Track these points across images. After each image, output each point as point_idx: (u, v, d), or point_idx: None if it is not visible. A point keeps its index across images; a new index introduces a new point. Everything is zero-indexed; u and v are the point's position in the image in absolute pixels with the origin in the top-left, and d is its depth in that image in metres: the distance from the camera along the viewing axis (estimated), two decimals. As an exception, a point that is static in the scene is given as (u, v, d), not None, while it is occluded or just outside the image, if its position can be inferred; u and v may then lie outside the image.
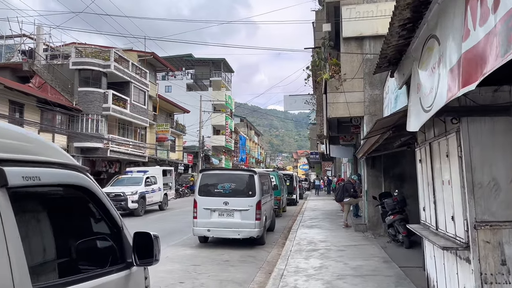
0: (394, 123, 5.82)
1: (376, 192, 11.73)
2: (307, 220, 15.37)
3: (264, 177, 12.18)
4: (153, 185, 20.59)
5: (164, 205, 21.95)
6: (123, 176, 21.44)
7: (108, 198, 2.45)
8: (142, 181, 19.66)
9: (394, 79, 6.64)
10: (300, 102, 16.42)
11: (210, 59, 62.11)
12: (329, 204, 24.43)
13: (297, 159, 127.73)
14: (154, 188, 20.50)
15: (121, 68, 29.56)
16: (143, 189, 19.13)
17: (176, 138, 44.17)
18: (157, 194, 20.87)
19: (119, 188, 18.61)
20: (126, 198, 17.77)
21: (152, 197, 20.06)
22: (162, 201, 21.65)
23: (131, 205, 17.89)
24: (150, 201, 19.78)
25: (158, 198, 21.16)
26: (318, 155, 42.66)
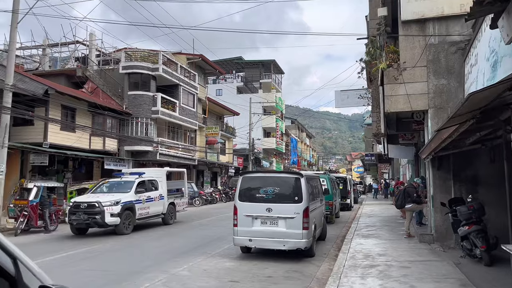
0: (493, 99, 4.26)
1: (444, 198, 10.10)
2: (362, 228, 13.88)
3: (312, 180, 10.93)
4: (150, 192, 15.77)
5: (171, 218, 16.99)
6: (111, 180, 16.37)
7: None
8: (133, 186, 14.87)
9: (498, 29, 4.75)
10: (353, 97, 14.94)
11: (260, 61, 61.48)
12: (387, 209, 22.57)
13: (351, 162, 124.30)
14: (151, 195, 15.69)
15: (170, 71, 29.45)
16: (131, 198, 14.40)
17: (226, 141, 43.77)
18: (156, 204, 15.95)
19: (96, 197, 14.05)
20: (102, 210, 13.27)
21: (147, 208, 15.28)
22: (167, 213, 16.70)
23: (110, 220, 13.34)
24: (144, 213, 15.11)
25: (159, 208, 16.22)
26: (374, 157, 40.40)
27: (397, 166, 31.31)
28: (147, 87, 27.98)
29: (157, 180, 16.67)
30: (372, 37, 12.96)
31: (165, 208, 16.64)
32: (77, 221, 13.41)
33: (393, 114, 11.69)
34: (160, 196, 16.37)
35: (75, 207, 13.56)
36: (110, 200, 13.76)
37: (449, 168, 10.37)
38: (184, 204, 19.22)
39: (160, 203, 16.35)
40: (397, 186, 23.49)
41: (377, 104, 13.09)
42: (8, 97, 14.77)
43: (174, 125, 31.26)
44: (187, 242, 11.91)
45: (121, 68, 27.77)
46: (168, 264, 8.79)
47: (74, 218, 13.41)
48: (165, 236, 13.20)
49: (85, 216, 13.25)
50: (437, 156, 9.82)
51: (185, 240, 12.36)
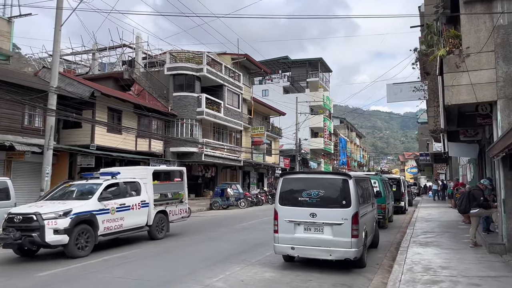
0: None
1: None
2: (419, 235, 12.55)
3: (362, 182, 9.86)
4: (126, 197, 11.77)
5: (160, 231, 13.05)
6: (76, 182, 12.60)
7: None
8: (96, 192, 10.97)
9: None
10: (407, 91, 13.60)
11: (306, 60, 60.29)
12: (445, 213, 20.77)
13: (404, 162, 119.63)
14: (127, 202, 11.69)
15: (214, 71, 29.18)
16: (90, 207, 10.56)
17: (272, 142, 43.04)
18: (135, 213, 11.93)
19: (38, 207, 10.24)
20: (41, 225, 9.57)
21: (119, 219, 11.29)
22: (154, 224, 12.72)
23: (53, 238, 9.63)
24: (113, 227, 11.12)
25: (140, 219, 12.21)
26: (429, 156, 37.99)
27: (455, 166, 29.07)
28: (191, 88, 27.85)
29: (140, 182, 12.53)
30: (428, 23, 11.65)
31: (151, 218, 12.59)
32: (5, 240, 9.67)
33: (454, 107, 10.35)
34: (143, 203, 12.29)
35: (9, 220, 9.93)
36: (55, 211, 9.91)
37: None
38: (183, 212, 14.72)
39: (143, 212, 12.29)
40: (456, 187, 21.62)
41: (434, 97, 11.76)
42: (52, 99, 14.89)
43: (219, 126, 30.97)
44: (227, 247, 11.24)
45: (166, 70, 27.84)
46: (203, 273, 8.13)
47: (3, 236, 9.75)
48: (203, 242, 12.62)
49: (17, 233, 9.52)
50: (510, 154, 8.45)
51: (225, 245, 11.70)
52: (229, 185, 26.92)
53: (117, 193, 11.57)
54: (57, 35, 15.10)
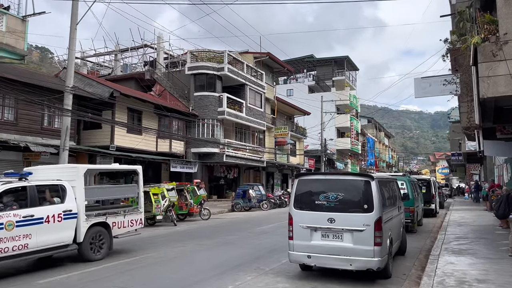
0: None
1: None
2: (452, 241, 11.52)
3: (387, 184, 9.00)
4: (34, 207, 8.51)
5: (97, 250, 9.73)
6: None
7: None
8: None
9: None
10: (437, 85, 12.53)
11: (332, 58, 59.10)
12: (480, 216, 19.44)
13: (434, 163, 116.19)
14: (36, 214, 8.47)
15: (235, 70, 28.65)
16: None
17: (297, 142, 42.17)
18: (52, 228, 8.75)
19: None
20: None
21: (23, 237, 8.19)
22: (85, 242, 9.41)
23: None
24: (9, 248, 7.96)
25: (61, 236, 8.97)
26: (462, 156, 36.26)
27: (490, 167, 27.45)
28: (212, 88, 27.41)
29: (66, 185, 9.28)
30: (460, 9, 10.65)
31: (81, 233, 9.33)
32: None
33: (490, 101, 9.34)
34: (67, 214, 9.07)
35: None
36: None
37: None
38: (136, 223, 11.02)
39: (66, 226, 9.06)
40: (492, 189, 20.24)
41: (467, 90, 10.75)
42: (68, 99, 14.65)
43: (241, 126, 30.41)
44: (241, 253, 10.58)
45: (187, 69, 27.51)
46: (211, 282, 7.49)
47: None
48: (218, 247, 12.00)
49: None
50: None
51: (239, 250, 11.05)
52: (251, 186, 26.29)
53: (22, 201, 8.45)
54: (73, 33, 14.85)
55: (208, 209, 20.22)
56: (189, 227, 17.29)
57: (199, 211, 19.83)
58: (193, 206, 19.45)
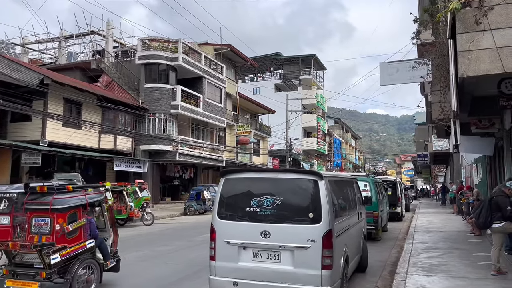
0: None
1: None
2: (421, 253, 9.77)
3: (342, 185, 7.09)
4: None
5: None
6: None
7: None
8: None
9: None
10: (405, 71, 10.82)
11: (299, 56, 57.71)
12: (448, 220, 18.03)
13: (400, 165, 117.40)
14: None
15: (192, 62, 26.38)
16: None
17: (261, 141, 40.29)
18: None
19: None
20: None
21: None
22: None
23: None
24: None
25: None
26: (428, 157, 35.39)
27: (457, 168, 26.36)
28: (165, 80, 25.07)
29: None
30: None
31: None
32: None
33: (470, 84, 7.61)
34: None
35: None
36: None
37: None
38: None
39: None
40: (461, 191, 18.90)
41: (440, 76, 9.09)
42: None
43: (199, 122, 28.16)
44: (165, 272, 8.45)
45: (137, 59, 25.07)
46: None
47: None
48: (140, 262, 9.80)
49: None
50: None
51: (165, 268, 8.91)
52: (206, 187, 24.12)
53: None
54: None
55: (152, 213, 17.89)
56: (125, 234, 14.93)
57: (141, 215, 17.50)
58: (134, 210, 17.10)
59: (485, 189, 15.13)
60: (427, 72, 9.69)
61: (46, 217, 6.08)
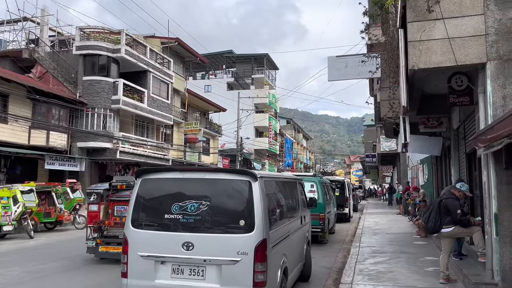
0: None
1: None
2: (368, 258, 9.24)
3: (282, 186, 6.30)
4: None
5: None
6: None
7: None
8: None
9: None
10: (354, 66, 10.31)
11: (252, 55, 57.06)
12: (395, 221, 17.96)
13: (350, 165, 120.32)
14: None
15: (136, 54, 24.84)
16: None
17: (211, 140, 39.17)
18: None
19: None
20: None
21: None
22: None
23: None
24: None
25: None
26: (376, 158, 35.91)
27: (404, 168, 26.73)
28: (106, 72, 23.38)
29: None
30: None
31: None
32: None
33: (420, 78, 7.10)
34: None
35: None
36: None
37: (527, 165, 5.80)
38: None
39: None
40: (407, 192, 18.93)
41: (389, 71, 8.60)
42: None
43: (143, 118, 26.63)
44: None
45: (75, 49, 23.19)
46: None
47: None
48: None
49: None
50: (507, 146, 5.22)
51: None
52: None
53: None
54: None
55: (84, 216, 16.37)
56: (49, 240, 13.46)
57: (72, 218, 15.97)
58: (64, 213, 15.56)
59: (431, 190, 15.07)
60: (376, 66, 9.18)
61: (125, 205, 8.83)
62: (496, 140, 4.99)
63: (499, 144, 5.07)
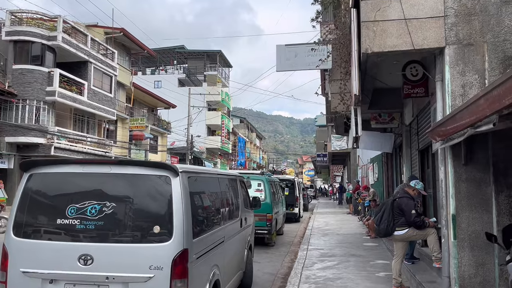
0: None
1: (479, 219, 5.09)
2: (315, 262, 8.54)
3: (215, 183, 5.36)
4: None
5: None
6: None
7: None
8: None
9: None
10: (304, 55, 9.61)
11: (204, 51, 55.77)
12: (344, 221, 17.58)
13: (302, 165, 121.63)
14: None
15: (75, 43, 22.96)
16: None
17: (159, 137, 37.54)
18: None
19: None
20: None
21: None
22: None
23: None
24: None
25: None
26: (327, 158, 35.93)
27: (354, 167, 26.68)
28: (40, 61, 21.39)
29: None
30: None
31: None
32: None
33: (373, 68, 6.44)
34: None
35: None
36: None
37: (487, 161, 5.25)
38: None
39: None
40: (357, 191, 18.63)
41: (341, 60, 7.96)
42: None
43: (83, 112, 24.72)
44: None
45: (5, 34, 21.02)
46: None
47: None
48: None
49: None
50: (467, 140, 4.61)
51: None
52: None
53: None
54: None
55: (7, 218, 14.60)
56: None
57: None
58: (-19, 215, 13.76)
59: (381, 189, 14.76)
60: (327, 53, 8.49)
61: None
62: (458, 131, 4.35)
63: (460, 136, 4.44)
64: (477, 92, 5.32)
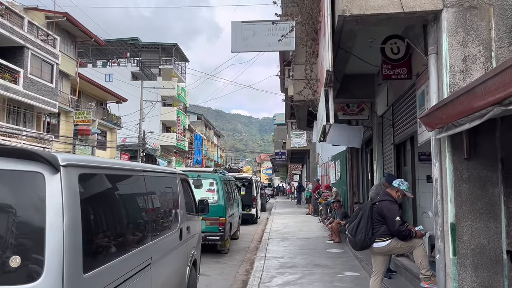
0: None
1: (485, 228, 3.92)
2: (275, 276, 7.23)
3: (136, 184, 3.86)
4: None
5: None
6: None
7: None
8: None
9: None
10: (264, 34, 8.30)
11: (160, 44, 53.39)
12: (304, 223, 16.47)
13: (260, 164, 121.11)
14: None
15: (9, 26, 20.45)
16: None
17: (108, 133, 35.09)
18: None
19: None
20: None
21: None
22: None
23: None
24: None
25: None
26: (286, 155, 34.99)
27: (313, 166, 25.77)
28: (-36, 43, 18.78)
29: None
30: None
31: None
32: None
33: (349, 40, 5.19)
34: None
35: None
36: None
37: (494, 155, 4.12)
38: None
39: None
40: (318, 191, 17.62)
41: (308, 37, 6.71)
42: None
43: (19, 103, 22.20)
44: None
45: None
46: None
47: None
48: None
49: None
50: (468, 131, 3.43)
51: None
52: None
53: None
54: None
55: None
56: None
57: None
58: None
59: (345, 189, 13.74)
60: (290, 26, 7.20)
61: None
62: (474, 111, 3.14)
63: (476, 119, 3.23)
64: (482, 68, 4.20)
